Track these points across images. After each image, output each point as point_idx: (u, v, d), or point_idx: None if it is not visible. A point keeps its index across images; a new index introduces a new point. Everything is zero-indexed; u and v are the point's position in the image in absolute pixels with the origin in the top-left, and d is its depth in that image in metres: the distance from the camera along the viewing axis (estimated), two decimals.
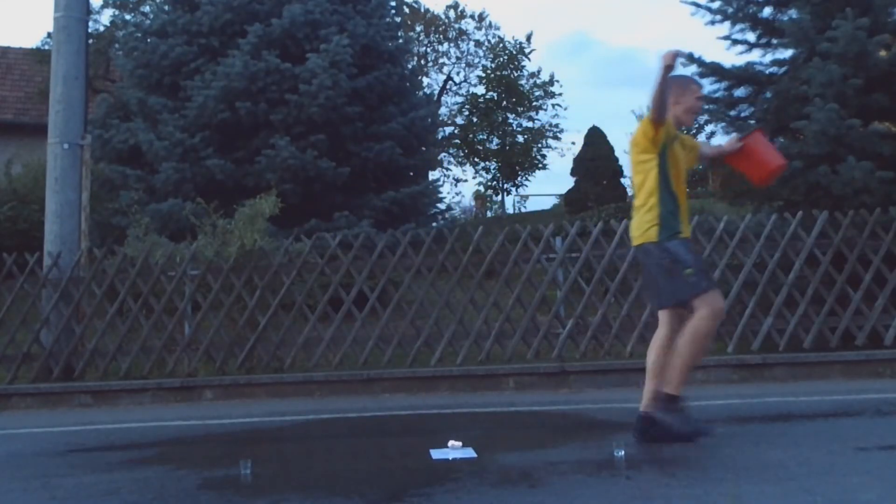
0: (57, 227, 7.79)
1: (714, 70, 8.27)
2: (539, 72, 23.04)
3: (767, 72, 8.32)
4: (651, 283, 3.93)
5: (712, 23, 8.57)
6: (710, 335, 3.70)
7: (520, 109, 22.49)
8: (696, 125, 9.10)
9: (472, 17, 23.45)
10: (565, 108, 33.59)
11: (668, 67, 3.62)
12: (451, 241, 7.24)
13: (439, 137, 18.93)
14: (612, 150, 17.67)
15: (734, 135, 4.22)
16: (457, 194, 34.27)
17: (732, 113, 8.37)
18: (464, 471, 3.38)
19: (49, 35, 15.76)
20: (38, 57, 16.21)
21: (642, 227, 3.78)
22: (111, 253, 7.74)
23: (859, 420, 4.41)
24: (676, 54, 3.62)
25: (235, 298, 7.26)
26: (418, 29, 22.29)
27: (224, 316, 7.24)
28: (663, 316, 3.87)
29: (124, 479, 3.52)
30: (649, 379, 3.84)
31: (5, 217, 11.64)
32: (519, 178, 23.79)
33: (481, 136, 22.51)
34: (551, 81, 23.09)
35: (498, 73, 22.25)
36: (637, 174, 3.85)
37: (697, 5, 8.56)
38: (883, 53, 7.27)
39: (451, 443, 3.85)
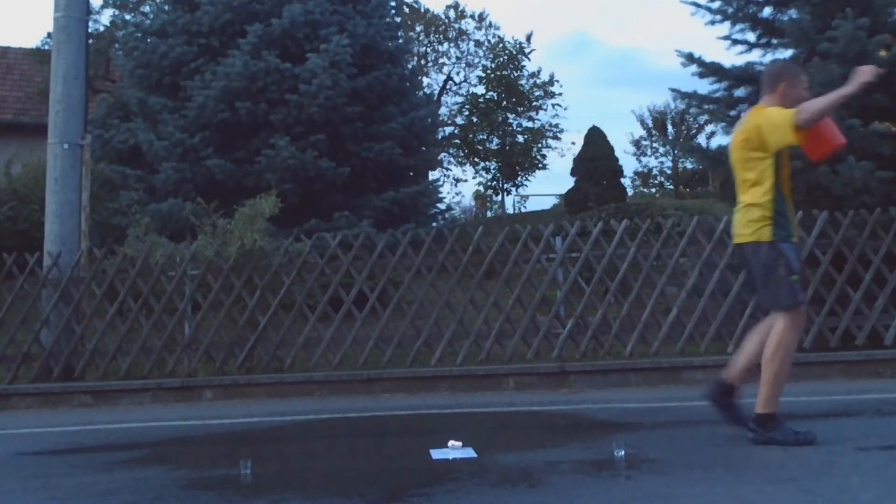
0: (57, 227, 7.79)
1: (714, 70, 8.27)
2: (539, 72, 23.00)
3: None
4: (754, 280, 3.84)
5: (712, 23, 8.58)
6: (795, 347, 3.68)
7: (520, 109, 22.44)
8: (697, 125, 9.08)
9: (472, 17, 23.43)
10: (565, 108, 33.59)
11: (864, 85, 3.54)
12: (451, 241, 7.23)
13: (439, 137, 18.91)
14: (612, 150, 17.65)
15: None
16: (457, 194, 34.29)
17: (732, 113, 8.36)
18: (464, 471, 3.38)
19: (49, 35, 15.75)
20: (38, 57, 16.19)
21: (753, 224, 3.69)
22: (111, 253, 7.74)
23: (859, 420, 4.41)
24: (878, 73, 3.52)
25: (235, 298, 7.26)
26: (418, 29, 22.26)
27: (224, 316, 7.24)
28: None
29: (124, 479, 3.52)
30: (741, 355, 3.87)
31: (5, 217, 11.63)
32: (519, 178, 23.74)
33: (481, 136, 22.46)
34: (551, 81, 23.05)
35: (498, 73, 22.21)
36: (746, 170, 3.75)
37: (697, 5, 8.57)
38: (883, 53, 7.26)
39: (451, 443, 3.85)
